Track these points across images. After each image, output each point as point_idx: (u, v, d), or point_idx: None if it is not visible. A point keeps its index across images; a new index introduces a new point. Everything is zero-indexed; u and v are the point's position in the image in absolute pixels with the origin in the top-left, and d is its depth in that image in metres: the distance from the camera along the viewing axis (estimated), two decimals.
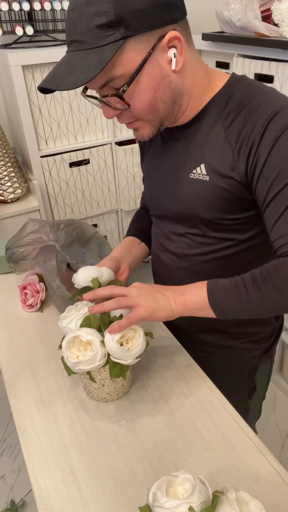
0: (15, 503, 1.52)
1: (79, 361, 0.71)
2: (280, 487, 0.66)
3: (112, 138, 1.89)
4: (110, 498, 0.66)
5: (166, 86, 0.69)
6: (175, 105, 0.73)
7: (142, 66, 0.65)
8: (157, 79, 0.68)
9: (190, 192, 0.79)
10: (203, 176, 0.76)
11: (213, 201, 0.77)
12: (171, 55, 0.67)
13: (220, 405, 0.80)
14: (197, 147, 0.77)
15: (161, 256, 0.93)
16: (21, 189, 1.77)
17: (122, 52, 0.63)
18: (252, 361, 1.00)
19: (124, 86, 0.66)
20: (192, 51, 0.72)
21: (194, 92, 0.74)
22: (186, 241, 0.86)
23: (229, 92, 0.74)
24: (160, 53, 0.66)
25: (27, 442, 0.75)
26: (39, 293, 1.06)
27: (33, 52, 1.58)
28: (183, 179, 0.80)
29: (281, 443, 1.69)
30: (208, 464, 0.70)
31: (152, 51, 0.65)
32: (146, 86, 0.68)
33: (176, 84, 0.70)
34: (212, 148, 0.75)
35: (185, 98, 0.73)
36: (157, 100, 0.70)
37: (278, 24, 1.31)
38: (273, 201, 0.68)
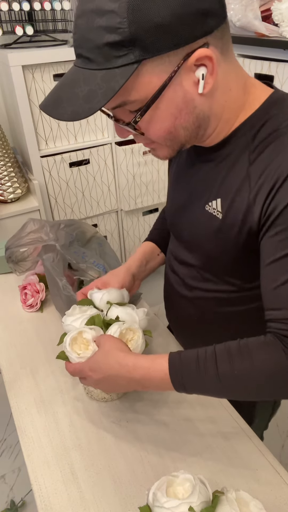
0: (15, 503, 1.52)
1: (80, 358, 0.71)
2: (280, 487, 0.66)
3: (112, 138, 1.89)
4: (110, 498, 0.66)
5: (189, 112, 0.58)
6: (199, 130, 0.62)
7: (161, 91, 0.54)
8: (179, 105, 0.57)
9: (201, 226, 0.71)
10: (217, 213, 0.67)
11: (222, 243, 0.67)
12: (199, 76, 0.54)
13: (220, 405, 0.80)
14: (219, 178, 0.67)
15: (170, 275, 0.88)
16: (21, 189, 1.77)
17: (137, 76, 0.52)
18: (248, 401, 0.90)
19: (137, 116, 0.56)
20: (229, 64, 0.58)
21: (225, 115, 0.62)
22: (193, 272, 0.79)
23: (263, 117, 0.61)
24: (186, 74, 0.54)
25: (27, 442, 0.75)
26: (39, 293, 1.06)
27: (33, 52, 1.58)
28: (198, 208, 0.71)
29: (281, 443, 1.69)
30: (208, 464, 0.70)
31: (175, 74, 0.53)
32: (164, 113, 0.57)
33: (201, 109, 0.59)
34: (232, 185, 0.64)
35: (213, 122, 0.62)
36: (177, 128, 0.60)
37: (278, 24, 1.31)
38: (277, 263, 0.57)
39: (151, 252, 0.96)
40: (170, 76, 0.53)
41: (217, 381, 0.58)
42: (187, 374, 0.60)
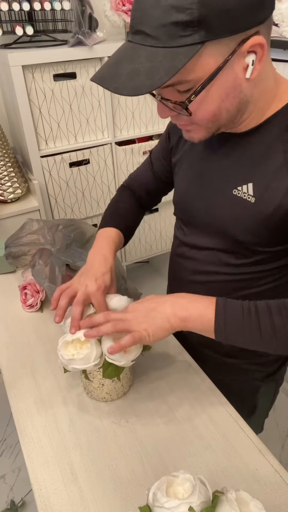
0: (15, 503, 1.52)
1: (73, 359, 0.71)
2: (280, 487, 0.66)
3: (112, 138, 1.89)
4: (110, 498, 0.66)
5: (236, 95, 0.61)
6: (237, 114, 0.65)
7: (216, 74, 0.56)
8: (228, 88, 0.59)
9: (229, 210, 0.73)
10: (248, 197, 0.70)
11: (253, 226, 0.70)
12: (249, 62, 0.57)
13: (220, 405, 0.80)
14: (249, 163, 0.70)
15: (180, 262, 0.88)
16: (21, 189, 1.77)
17: (198, 56, 0.54)
18: (254, 382, 0.97)
19: (192, 96, 0.58)
20: (269, 55, 0.62)
21: (260, 103, 0.66)
22: (210, 256, 0.80)
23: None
24: (238, 59, 0.57)
25: (27, 442, 0.75)
26: (39, 293, 1.06)
27: (33, 52, 1.58)
28: (224, 193, 0.73)
29: (281, 443, 1.69)
30: (208, 464, 0.70)
31: (230, 58, 0.55)
32: (214, 95, 0.59)
33: (245, 93, 0.62)
34: (266, 170, 0.67)
35: (250, 108, 0.65)
36: (221, 110, 0.62)
37: (278, 24, 1.31)
38: None
39: (121, 240, 0.93)
40: (226, 60, 0.55)
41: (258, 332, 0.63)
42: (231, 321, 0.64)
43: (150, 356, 0.90)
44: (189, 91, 0.58)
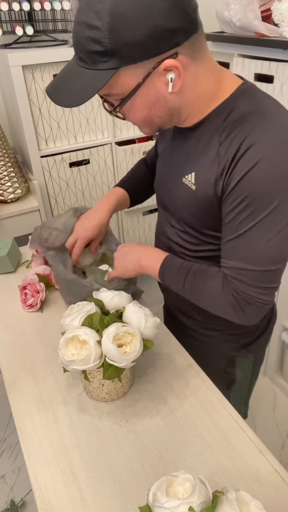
0: (15, 503, 1.52)
1: (73, 360, 0.71)
2: (280, 487, 0.66)
3: (112, 138, 1.89)
4: (110, 498, 0.66)
5: (161, 105, 0.71)
6: (173, 118, 0.75)
7: (136, 90, 0.67)
8: (152, 100, 0.70)
9: (178, 195, 0.84)
10: (191, 184, 0.79)
11: (195, 210, 0.81)
12: (169, 79, 0.66)
13: (220, 405, 0.80)
14: (195, 154, 0.78)
15: (160, 238, 1.00)
16: (21, 189, 1.77)
17: (117, 77, 0.65)
18: (230, 353, 1.03)
19: (117, 107, 0.70)
20: (201, 63, 0.69)
21: (196, 105, 0.74)
22: (176, 233, 0.92)
23: (231, 105, 0.72)
24: (157, 77, 0.66)
25: (27, 442, 0.75)
26: (39, 293, 1.06)
27: (33, 52, 1.58)
28: (177, 180, 0.83)
29: (281, 443, 1.69)
30: (208, 464, 0.70)
31: (147, 77, 0.65)
32: (140, 105, 0.70)
33: (172, 103, 0.71)
34: (204, 160, 0.75)
35: (184, 112, 0.74)
36: (152, 116, 0.73)
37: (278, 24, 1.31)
38: (228, 224, 0.73)
39: (125, 202, 1.12)
40: (143, 79, 0.66)
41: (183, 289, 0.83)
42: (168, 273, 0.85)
43: (150, 356, 0.90)
44: (114, 98, 0.70)
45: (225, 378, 1.07)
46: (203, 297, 0.81)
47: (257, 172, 0.66)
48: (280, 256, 0.72)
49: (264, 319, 1.02)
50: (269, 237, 0.69)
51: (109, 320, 0.76)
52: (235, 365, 1.05)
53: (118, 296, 0.82)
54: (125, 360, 0.72)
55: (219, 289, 0.77)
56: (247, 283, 0.73)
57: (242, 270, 0.73)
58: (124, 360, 0.72)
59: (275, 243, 0.70)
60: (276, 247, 0.70)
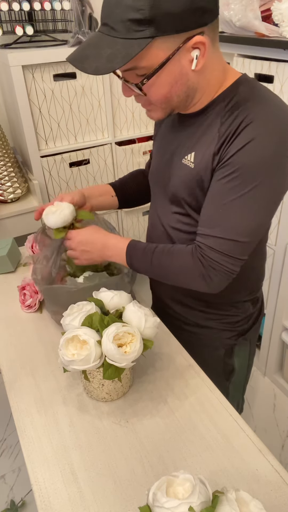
0: (15, 503, 1.52)
1: (73, 360, 0.71)
2: (280, 487, 0.66)
3: (112, 138, 1.89)
4: (110, 498, 0.66)
5: (183, 83, 0.74)
6: (187, 99, 0.77)
7: (164, 64, 0.69)
8: (176, 76, 0.72)
9: (178, 175, 0.87)
10: (190, 163, 0.82)
11: (192, 187, 0.83)
12: (194, 56, 0.70)
13: (220, 405, 0.80)
14: (196, 137, 0.82)
15: (158, 228, 1.00)
16: (21, 189, 1.77)
17: (149, 48, 0.66)
18: (227, 341, 1.04)
19: (144, 79, 0.71)
20: (215, 51, 0.75)
21: (207, 90, 0.78)
22: (174, 217, 0.93)
23: (233, 92, 0.77)
24: (184, 53, 0.69)
25: (27, 442, 0.75)
26: (38, 294, 1.06)
27: (33, 52, 1.58)
28: (176, 162, 0.87)
29: (281, 443, 1.69)
30: (208, 464, 0.70)
31: (176, 51, 0.68)
32: (164, 81, 0.72)
33: (192, 82, 0.74)
34: (205, 140, 0.79)
35: (198, 94, 0.78)
36: (172, 94, 0.75)
37: (278, 24, 1.31)
38: (213, 194, 0.78)
39: (106, 191, 1.11)
40: (172, 53, 0.68)
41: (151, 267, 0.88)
42: (135, 257, 0.89)
43: (150, 356, 0.90)
44: (144, 76, 0.71)
45: (225, 369, 1.09)
46: (171, 271, 0.85)
47: (250, 148, 0.71)
48: (253, 231, 0.78)
49: (256, 305, 1.06)
50: (247, 211, 0.75)
51: (109, 320, 0.76)
52: (234, 354, 1.07)
53: (118, 296, 0.82)
54: (125, 360, 0.72)
55: (188, 259, 0.82)
56: (218, 251, 0.78)
57: (217, 238, 0.78)
58: (124, 360, 0.72)
59: (251, 217, 0.76)
60: (252, 221, 0.77)
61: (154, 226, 1.01)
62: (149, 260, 0.87)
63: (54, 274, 1.00)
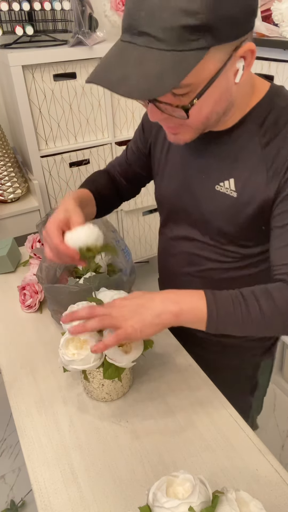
0: (15, 503, 1.52)
1: (73, 360, 0.71)
2: (280, 487, 0.66)
3: (112, 138, 1.89)
4: (110, 498, 0.66)
5: (226, 99, 0.63)
6: (223, 116, 0.68)
7: (216, 78, 0.57)
8: (221, 92, 0.61)
9: (213, 205, 0.77)
10: (230, 192, 0.74)
11: (237, 218, 0.75)
12: (239, 67, 0.59)
13: (220, 405, 0.80)
14: (228, 159, 0.73)
15: (169, 259, 0.92)
16: (21, 189, 1.77)
17: (202, 61, 0.54)
18: (254, 359, 1.01)
19: (194, 99, 0.58)
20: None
21: (240, 103, 0.69)
22: (199, 246, 0.84)
23: (268, 106, 0.69)
24: (231, 64, 0.58)
25: (27, 442, 0.75)
26: (38, 294, 1.06)
27: (33, 52, 1.58)
28: (208, 189, 0.77)
29: (281, 443, 1.69)
30: (208, 464, 0.70)
31: (227, 62, 0.57)
32: (210, 98, 0.61)
33: (232, 97, 0.65)
34: (245, 165, 0.71)
35: (233, 109, 0.69)
36: (213, 113, 0.64)
37: (278, 24, 1.31)
38: (282, 227, 0.69)
39: (89, 200, 0.91)
40: (224, 64, 0.57)
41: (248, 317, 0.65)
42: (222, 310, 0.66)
43: (150, 356, 0.90)
44: (186, 95, 0.58)
45: (250, 383, 1.05)
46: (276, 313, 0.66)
47: None
48: None
49: None
50: None
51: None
52: (259, 371, 1.03)
53: (117, 295, 0.82)
54: (125, 360, 0.72)
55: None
56: None
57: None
58: (124, 359, 0.72)
59: None
60: None
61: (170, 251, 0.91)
62: (245, 309, 0.66)
63: (59, 274, 1.00)
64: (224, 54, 0.56)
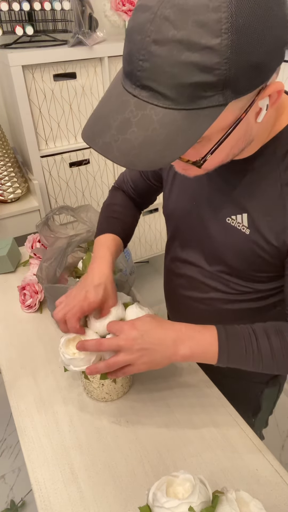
0: (15, 503, 1.52)
1: (74, 359, 0.71)
2: (280, 487, 0.66)
3: None
4: (110, 498, 0.66)
5: (245, 140, 0.56)
6: (241, 153, 0.61)
7: (234, 128, 0.50)
8: (240, 135, 0.54)
9: (223, 238, 0.72)
10: (243, 227, 0.68)
11: (247, 255, 0.70)
12: (263, 106, 0.51)
13: (220, 405, 0.80)
14: (243, 192, 0.67)
15: (173, 279, 0.89)
16: (21, 189, 1.77)
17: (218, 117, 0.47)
18: (259, 386, 0.98)
19: (207, 155, 0.52)
20: None
21: (260, 135, 0.61)
22: (204, 274, 0.80)
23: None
24: (253, 109, 0.51)
25: (27, 442, 0.75)
26: (38, 294, 1.06)
27: (33, 52, 1.58)
28: (218, 220, 0.72)
29: (281, 443, 1.69)
30: (208, 464, 0.70)
31: (249, 109, 0.49)
32: (226, 145, 0.54)
33: (253, 135, 0.57)
34: (261, 201, 0.65)
35: (253, 143, 0.61)
36: (228, 155, 0.57)
37: None
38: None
39: (120, 245, 0.87)
40: (245, 111, 0.49)
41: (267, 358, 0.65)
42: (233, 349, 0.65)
43: None
44: (200, 143, 0.51)
45: (251, 408, 1.01)
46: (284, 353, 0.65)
47: None
48: None
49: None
50: None
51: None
52: (263, 396, 0.99)
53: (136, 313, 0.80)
54: None
55: None
56: None
57: None
58: None
59: None
60: None
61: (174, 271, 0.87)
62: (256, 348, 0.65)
63: (58, 274, 1.00)
64: (245, 102, 0.48)
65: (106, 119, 0.48)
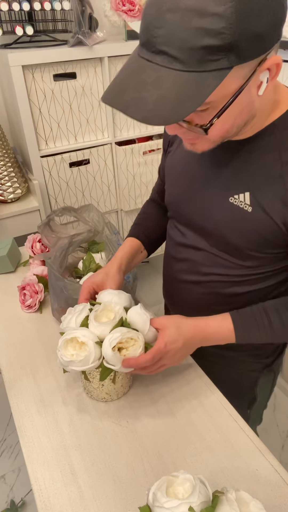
0: (15, 503, 1.52)
1: (72, 360, 0.71)
2: (280, 487, 0.66)
3: (112, 138, 1.89)
4: (110, 498, 0.66)
5: (248, 112, 0.61)
6: (244, 128, 0.65)
7: (237, 96, 0.55)
8: (243, 107, 0.59)
9: (225, 217, 0.75)
10: (245, 206, 0.71)
11: (249, 233, 0.72)
12: (263, 80, 0.56)
13: (220, 405, 0.80)
14: (245, 172, 0.70)
15: (175, 262, 0.90)
16: (21, 189, 1.77)
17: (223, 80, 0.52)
18: (252, 374, 0.99)
19: (214, 119, 0.57)
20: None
21: (262, 113, 0.66)
22: (205, 257, 0.82)
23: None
24: (254, 78, 0.56)
25: (27, 442, 0.75)
26: (38, 294, 1.06)
27: (33, 52, 1.58)
28: (221, 200, 0.74)
29: (281, 443, 1.69)
30: (208, 464, 0.70)
31: (250, 78, 0.54)
32: (230, 115, 0.59)
33: (255, 109, 0.62)
34: (263, 180, 0.68)
35: (255, 119, 0.66)
36: (233, 126, 0.62)
37: None
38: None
39: (137, 250, 0.97)
40: (246, 81, 0.54)
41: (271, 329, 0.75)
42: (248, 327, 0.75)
43: None
44: (205, 110, 0.57)
45: (247, 398, 1.03)
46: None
47: None
48: None
49: None
50: None
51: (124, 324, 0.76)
52: (257, 386, 1.01)
53: (117, 296, 0.81)
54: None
55: None
56: None
57: None
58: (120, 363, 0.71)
59: None
60: None
61: (175, 256, 0.90)
62: (266, 322, 0.74)
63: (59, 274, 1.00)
64: (247, 71, 0.54)
65: (124, 82, 0.54)
